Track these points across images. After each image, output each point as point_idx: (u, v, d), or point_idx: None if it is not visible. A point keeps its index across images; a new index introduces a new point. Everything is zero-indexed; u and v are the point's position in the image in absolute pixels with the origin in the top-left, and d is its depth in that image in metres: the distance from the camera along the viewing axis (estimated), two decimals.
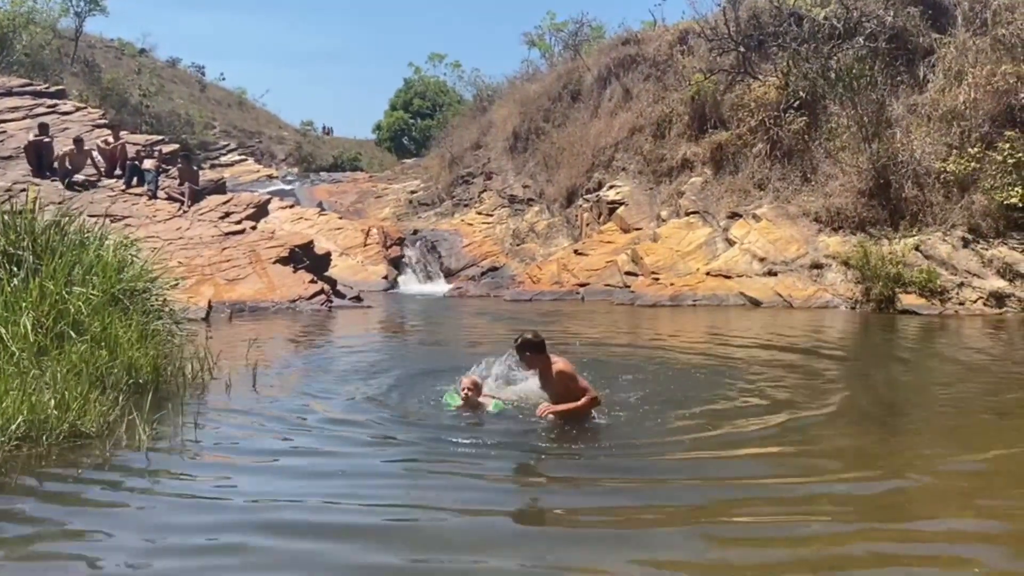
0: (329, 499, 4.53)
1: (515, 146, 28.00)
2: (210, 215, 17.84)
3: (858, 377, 9.07)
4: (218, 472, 5.07)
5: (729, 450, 5.71)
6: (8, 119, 20.97)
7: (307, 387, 8.00)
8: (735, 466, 5.36)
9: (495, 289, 21.29)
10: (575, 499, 4.73)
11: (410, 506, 4.56)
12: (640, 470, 5.22)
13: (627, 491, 4.84)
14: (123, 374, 6.51)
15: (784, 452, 5.72)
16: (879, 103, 18.22)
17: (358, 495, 4.61)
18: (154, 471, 5.10)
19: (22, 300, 6.59)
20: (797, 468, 5.35)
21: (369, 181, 37.12)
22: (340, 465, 5.25)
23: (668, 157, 21.77)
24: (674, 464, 5.37)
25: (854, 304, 16.09)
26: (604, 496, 4.77)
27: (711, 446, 5.74)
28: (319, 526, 4.17)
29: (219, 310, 13.98)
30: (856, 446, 5.91)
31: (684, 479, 5.05)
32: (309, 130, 55.15)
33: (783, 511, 4.46)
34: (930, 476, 5.13)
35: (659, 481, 4.99)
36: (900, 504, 4.63)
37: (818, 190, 18.64)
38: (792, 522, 4.26)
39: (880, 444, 6.00)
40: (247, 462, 5.27)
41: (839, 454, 5.68)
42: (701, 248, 18.83)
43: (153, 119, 38.96)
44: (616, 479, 5.04)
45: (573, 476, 5.15)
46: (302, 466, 5.27)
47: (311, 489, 4.71)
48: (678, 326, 13.96)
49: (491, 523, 4.30)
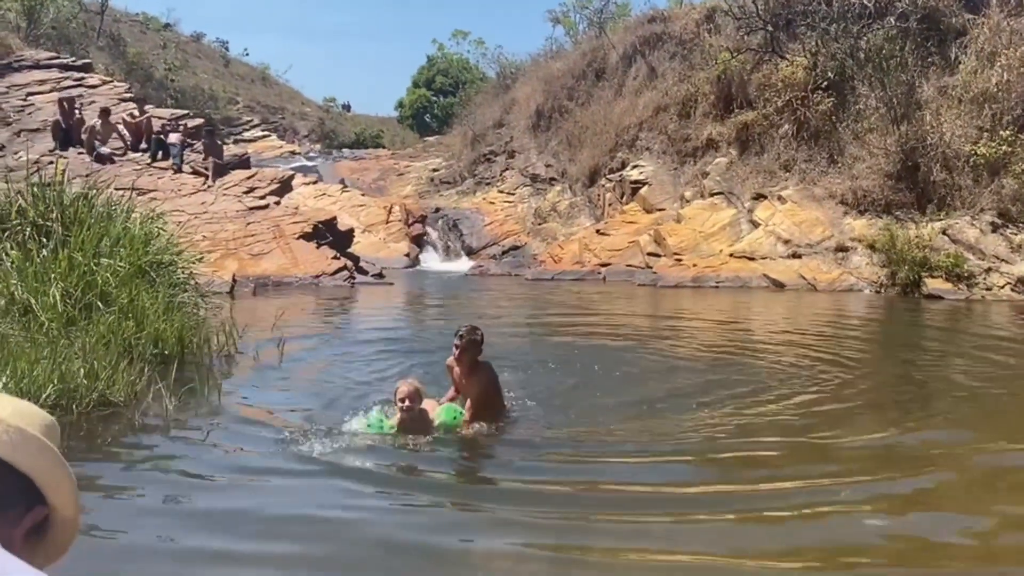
0: (354, 473, 4.54)
1: (538, 124, 27.84)
2: (234, 190, 17.90)
3: (884, 363, 8.98)
4: (243, 443, 5.11)
5: (750, 438, 5.64)
6: (36, 92, 21.10)
7: (331, 361, 8.06)
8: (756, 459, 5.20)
9: (516, 268, 21.27)
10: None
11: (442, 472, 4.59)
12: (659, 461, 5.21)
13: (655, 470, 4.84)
14: (150, 345, 6.59)
15: (807, 443, 5.55)
16: (909, 84, 17.93)
17: (382, 464, 4.64)
18: (180, 440, 5.16)
19: (51, 271, 6.67)
20: (821, 460, 5.30)
21: (391, 158, 37.10)
22: (366, 439, 5.27)
23: (693, 137, 21.57)
24: (694, 450, 5.35)
25: (879, 288, 15.93)
26: (629, 475, 4.77)
27: (734, 434, 5.67)
28: (343, 501, 4.19)
29: (243, 284, 14.07)
30: (883, 435, 5.83)
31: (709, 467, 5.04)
32: (332, 106, 55.19)
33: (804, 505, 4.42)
34: (958, 470, 5.01)
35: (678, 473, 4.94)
36: (928, 498, 4.49)
37: (845, 172, 18.41)
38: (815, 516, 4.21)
39: (907, 432, 5.83)
40: (272, 434, 5.29)
41: (865, 445, 5.61)
42: (725, 229, 18.69)
43: (177, 94, 39.11)
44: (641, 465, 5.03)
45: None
46: (327, 439, 5.29)
47: (337, 461, 4.74)
48: (700, 307, 13.89)
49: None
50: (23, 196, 7.72)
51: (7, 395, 1.33)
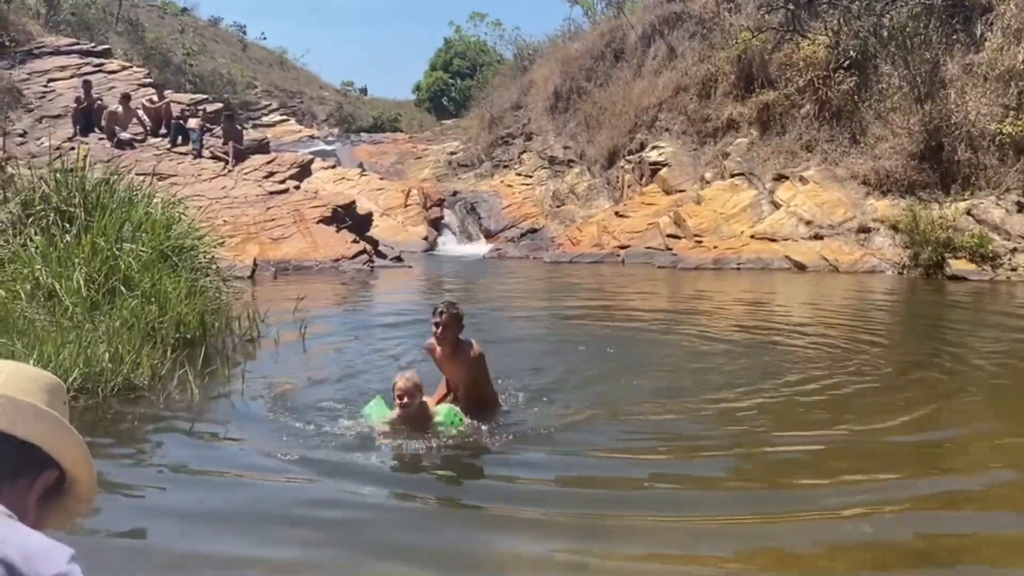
0: (379, 454, 4.55)
1: (556, 106, 27.70)
2: (254, 174, 17.96)
3: (910, 346, 8.86)
4: (267, 426, 5.13)
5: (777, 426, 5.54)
6: (56, 78, 21.22)
7: (352, 344, 8.09)
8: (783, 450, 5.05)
9: (534, 251, 21.24)
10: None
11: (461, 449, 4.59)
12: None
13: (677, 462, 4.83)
14: (173, 329, 6.63)
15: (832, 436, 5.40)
16: (933, 62, 17.65)
17: (408, 449, 4.63)
18: (204, 423, 5.20)
19: (75, 256, 6.71)
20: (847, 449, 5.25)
21: (409, 142, 37.09)
22: (374, 433, 5.28)
23: (713, 117, 21.37)
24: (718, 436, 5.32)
25: (901, 269, 15.77)
26: (653, 467, 4.75)
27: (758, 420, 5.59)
28: (366, 480, 4.20)
29: (264, 268, 14.15)
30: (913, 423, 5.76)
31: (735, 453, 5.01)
32: (349, 90, 55.14)
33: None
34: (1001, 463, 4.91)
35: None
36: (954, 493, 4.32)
37: (867, 152, 18.19)
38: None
39: (941, 423, 5.65)
40: (295, 418, 5.30)
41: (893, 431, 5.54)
42: (746, 211, 18.55)
43: (196, 78, 39.19)
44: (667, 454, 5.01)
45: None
46: (348, 417, 5.31)
47: (361, 443, 4.75)
48: (721, 290, 13.81)
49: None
50: (46, 182, 7.77)
51: (4, 360, 1.33)
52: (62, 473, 1.26)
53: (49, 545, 1.11)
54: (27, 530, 1.12)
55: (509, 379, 5.94)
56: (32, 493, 1.20)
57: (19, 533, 1.10)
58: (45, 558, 1.08)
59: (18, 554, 1.06)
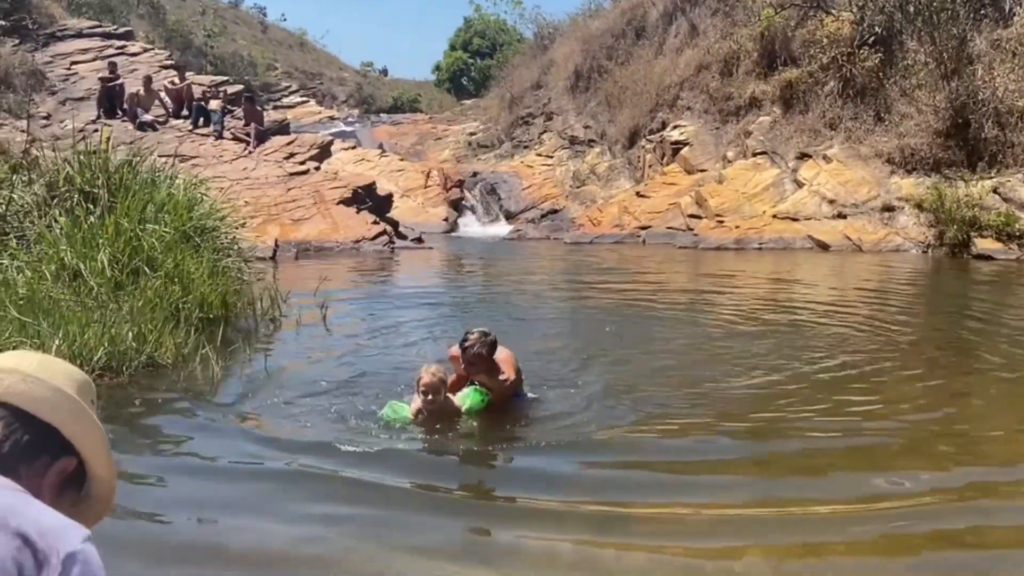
0: (399, 443, 4.50)
1: (576, 85, 27.52)
2: (275, 155, 18.03)
3: (938, 327, 8.74)
4: (289, 405, 5.17)
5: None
6: (79, 61, 21.37)
7: (373, 324, 8.13)
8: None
9: (555, 232, 21.18)
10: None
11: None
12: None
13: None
14: (195, 309, 6.69)
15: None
16: (960, 38, 17.33)
17: (429, 438, 4.61)
18: (227, 401, 5.25)
19: (99, 237, 6.78)
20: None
21: (429, 122, 37.03)
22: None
23: (735, 96, 21.14)
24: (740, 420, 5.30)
25: (926, 248, 15.60)
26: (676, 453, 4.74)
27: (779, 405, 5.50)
28: (386, 468, 4.21)
29: (285, 249, 14.23)
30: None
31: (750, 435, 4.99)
32: (369, 71, 55.11)
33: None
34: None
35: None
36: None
37: (892, 130, 17.95)
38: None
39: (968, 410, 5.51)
40: (316, 400, 5.32)
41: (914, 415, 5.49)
42: (768, 190, 18.38)
43: (217, 60, 39.31)
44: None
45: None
46: (371, 399, 5.34)
47: (382, 432, 4.78)
48: (743, 270, 13.72)
49: None
50: (70, 164, 7.85)
51: (36, 352, 1.35)
52: (81, 466, 1.27)
53: (64, 522, 1.12)
54: (42, 506, 1.13)
55: (532, 361, 5.88)
56: (48, 477, 1.21)
57: (34, 508, 1.11)
58: (61, 534, 1.09)
59: (33, 528, 1.07)
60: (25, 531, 1.05)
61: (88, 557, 1.09)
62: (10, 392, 1.20)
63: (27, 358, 1.29)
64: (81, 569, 1.07)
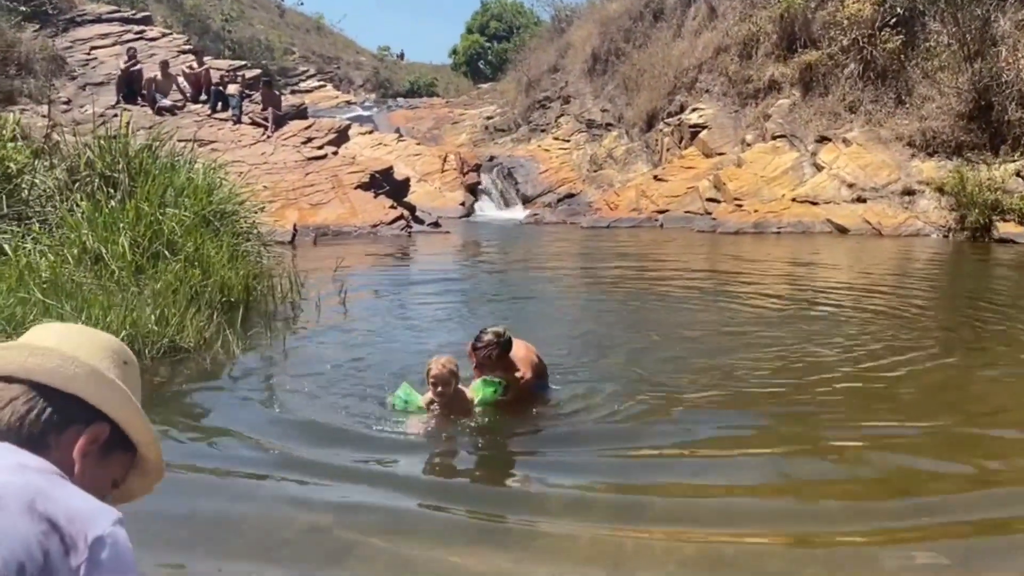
0: (416, 422, 4.48)
1: (594, 68, 27.37)
2: (293, 140, 18.08)
3: (961, 313, 8.67)
4: (309, 390, 5.21)
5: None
6: (98, 46, 21.46)
7: (392, 308, 8.16)
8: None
9: (572, 216, 21.14)
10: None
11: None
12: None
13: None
14: (216, 292, 6.74)
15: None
16: (983, 19, 17.08)
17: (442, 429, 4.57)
18: (248, 385, 5.29)
19: (120, 221, 6.83)
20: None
21: (445, 107, 36.97)
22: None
23: (754, 78, 20.96)
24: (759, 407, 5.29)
25: (947, 232, 15.45)
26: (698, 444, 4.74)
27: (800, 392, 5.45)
28: (403, 448, 4.24)
29: (304, 234, 14.30)
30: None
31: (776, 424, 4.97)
32: (386, 55, 55.02)
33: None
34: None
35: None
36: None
37: (913, 113, 17.75)
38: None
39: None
40: (338, 384, 5.33)
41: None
42: (787, 174, 18.25)
43: (234, 45, 39.38)
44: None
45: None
46: (390, 380, 5.37)
47: (398, 421, 4.80)
48: (762, 254, 13.65)
49: None
50: (91, 148, 7.91)
51: (61, 324, 1.31)
52: (119, 430, 1.25)
53: (95, 506, 1.09)
54: (74, 490, 1.11)
55: (550, 348, 5.79)
56: (82, 445, 1.19)
57: (65, 492, 1.09)
58: (89, 518, 1.06)
59: (62, 513, 1.04)
60: (53, 515, 1.03)
61: (117, 540, 1.07)
62: (24, 368, 1.18)
63: (48, 331, 1.27)
64: (110, 553, 1.05)
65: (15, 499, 1.02)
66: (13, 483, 1.04)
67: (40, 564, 0.99)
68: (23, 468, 1.08)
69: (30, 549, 0.99)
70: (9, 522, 1.00)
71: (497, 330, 4.44)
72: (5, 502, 1.02)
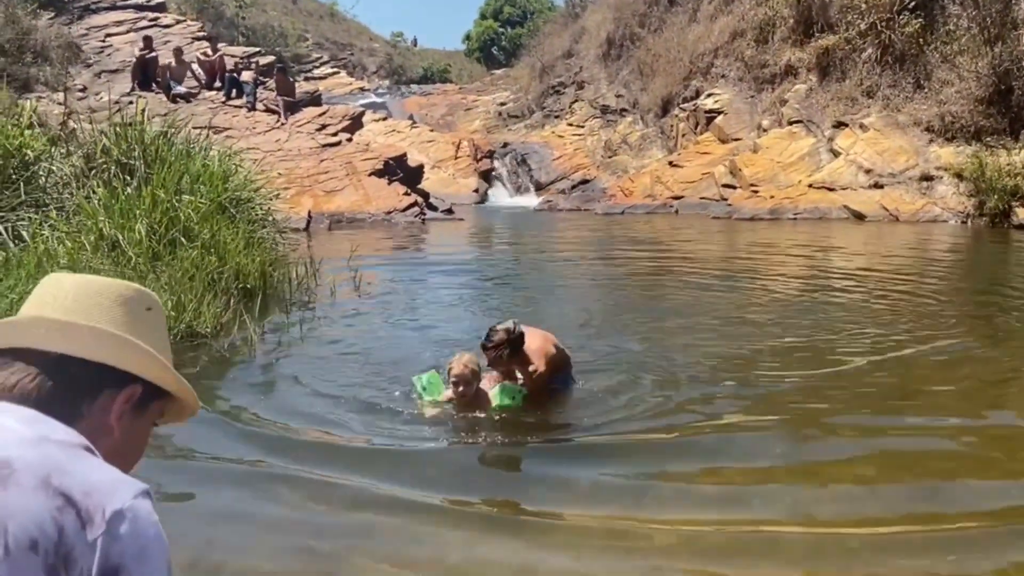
0: (434, 413, 4.45)
1: (608, 54, 27.22)
2: (307, 127, 18.09)
3: (978, 298, 8.60)
4: (326, 373, 5.23)
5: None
6: (113, 33, 21.51)
7: (406, 294, 8.17)
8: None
9: (586, 203, 21.08)
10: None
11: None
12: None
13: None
14: (232, 279, 6.76)
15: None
16: (1004, 2, 16.84)
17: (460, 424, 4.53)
18: (265, 369, 5.32)
19: (136, 208, 6.86)
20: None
21: (459, 93, 36.89)
22: (445, 366, 5.33)
23: (771, 63, 20.78)
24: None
25: (965, 218, 15.29)
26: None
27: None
28: (420, 435, 4.24)
29: (318, 220, 14.33)
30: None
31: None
32: (399, 42, 54.92)
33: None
34: None
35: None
36: None
37: (931, 98, 17.55)
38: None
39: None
40: (354, 371, 5.36)
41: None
42: (804, 159, 18.11)
43: (248, 31, 39.38)
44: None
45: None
46: (405, 366, 5.38)
47: (414, 414, 4.80)
48: (777, 241, 13.56)
49: None
50: (107, 136, 7.93)
51: (72, 277, 1.25)
52: (149, 385, 1.21)
53: (116, 478, 1.05)
54: (97, 463, 1.07)
55: (566, 337, 5.66)
56: (114, 411, 1.16)
57: (85, 465, 1.05)
58: (108, 491, 1.02)
59: (79, 487, 1.00)
60: (68, 489, 0.99)
61: (138, 513, 1.01)
62: (45, 342, 1.14)
63: (60, 294, 1.20)
64: (130, 527, 1.00)
65: (29, 474, 0.99)
66: (28, 457, 1.01)
67: (54, 540, 0.96)
68: (43, 441, 1.05)
69: (43, 525, 0.96)
70: (22, 498, 0.97)
71: (507, 326, 4.28)
72: (19, 477, 0.99)
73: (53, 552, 0.96)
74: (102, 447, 1.14)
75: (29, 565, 0.94)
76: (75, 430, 1.12)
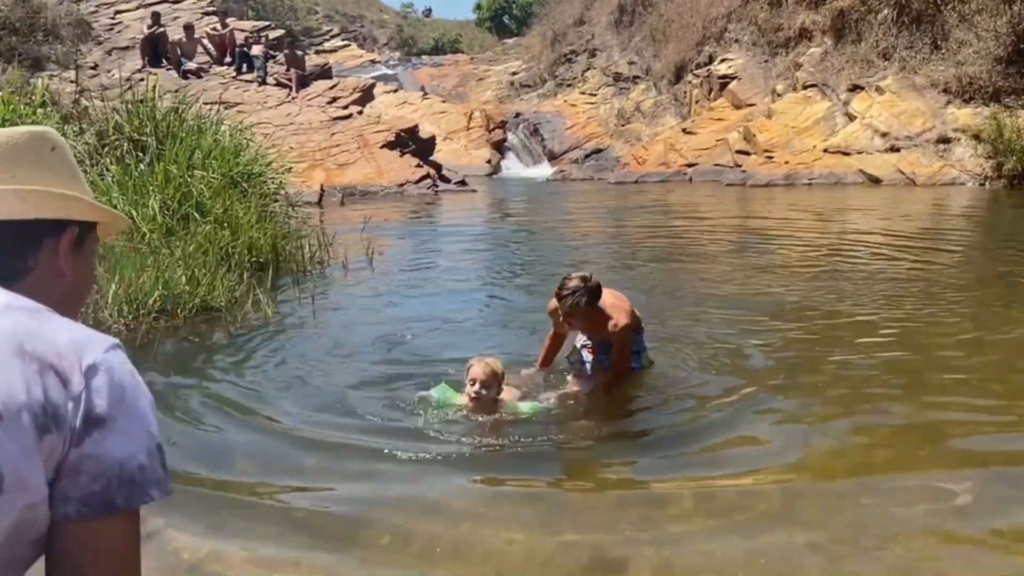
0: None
1: (620, 20, 26.90)
2: (318, 100, 18.06)
3: (999, 263, 8.49)
4: (338, 346, 5.27)
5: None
6: (123, 10, 21.48)
7: (419, 266, 8.20)
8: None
9: (599, 172, 20.97)
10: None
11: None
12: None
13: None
14: (245, 253, 6.81)
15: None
16: None
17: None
18: (279, 342, 5.36)
19: (149, 184, 6.90)
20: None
21: (470, 63, 36.61)
22: (458, 341, 5.36)
23: (785, 27, 20.48)
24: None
25: (983, 181, 15.12)
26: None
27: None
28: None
29: (331, 194, 14.34)
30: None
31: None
32: (409, 12, 54.51)
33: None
34: None
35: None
36: None
37: (949, 59, 17.27)
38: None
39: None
40: (366, 346, 5.34)
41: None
42: (819, 124, 17.92)
43: (258, 5, 39.22)
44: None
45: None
46: (417, 342, 5.42)
47: (429, 359, 4.84)
48: (793, 206, 13.45)
49: None
50: (119, 113, 7.97)
51: None
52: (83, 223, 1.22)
53: (85, 335, 1.07)
54: (60, 323, 1.08)
55: None
56: (61, 255, 1.18)
57: (53, 327, 1.06)
58: (80, 349, 1.04)
59: (52, 350, 1.02)
60: (43, 354, 1.01)
61: (112, 365, 1.05)
62: None
63: None
64: (106, 378, 1.03)
65: (3, 343, 1.01)
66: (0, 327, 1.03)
67: (41, 401, 0.99)
68: (8, 309, 1.06)
69: (29, 388, 0.99)
70: (1, 366, 0.99)
71: (583, 274, 3.97)
72: None
73: (42, 412, 0.98)
74: (58, 290, 1.18)
75: (22, 427, 0.97)
76: (28, 283, 1.14)
